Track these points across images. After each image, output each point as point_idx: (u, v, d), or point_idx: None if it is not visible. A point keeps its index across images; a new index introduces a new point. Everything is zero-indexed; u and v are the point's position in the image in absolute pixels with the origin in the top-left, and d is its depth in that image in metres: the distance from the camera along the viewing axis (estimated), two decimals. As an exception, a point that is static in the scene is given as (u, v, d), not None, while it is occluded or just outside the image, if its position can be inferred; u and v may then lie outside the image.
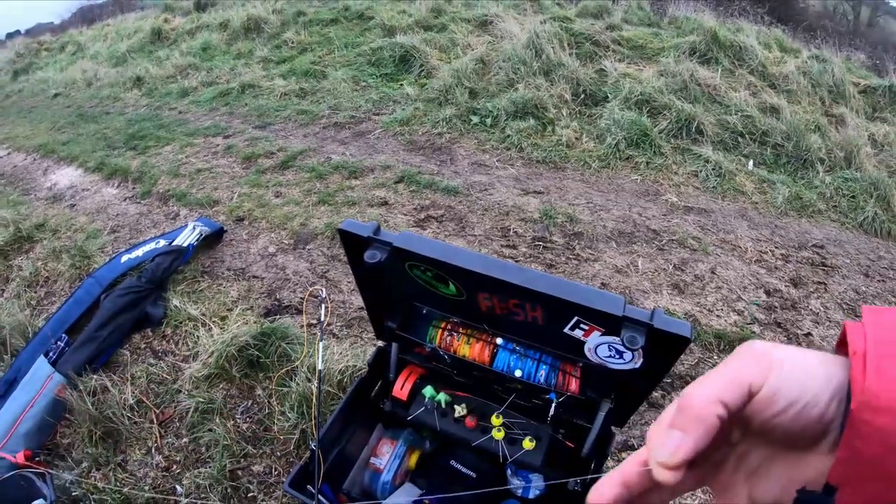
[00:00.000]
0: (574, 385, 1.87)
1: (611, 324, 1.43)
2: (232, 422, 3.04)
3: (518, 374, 1.89)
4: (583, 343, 1.57)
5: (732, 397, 0.45)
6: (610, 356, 1.57)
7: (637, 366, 1.53)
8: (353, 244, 1.66)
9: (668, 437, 0.45)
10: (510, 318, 1.69)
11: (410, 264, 1.63)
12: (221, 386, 3.24)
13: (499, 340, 1.94)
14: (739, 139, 6.19)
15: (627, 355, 1.53)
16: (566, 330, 1.55)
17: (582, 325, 1.51)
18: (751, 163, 5.96)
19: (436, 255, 1.52)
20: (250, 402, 3.16)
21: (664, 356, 1.47)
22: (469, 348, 1.95)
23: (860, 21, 23.26)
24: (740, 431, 0.51)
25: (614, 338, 1.48)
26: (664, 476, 0.46)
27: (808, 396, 0.44)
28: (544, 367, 1.89)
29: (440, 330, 2.00)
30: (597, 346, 1.55)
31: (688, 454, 0.45)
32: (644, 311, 1.38)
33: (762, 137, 6.21)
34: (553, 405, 1.90)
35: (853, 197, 5.68)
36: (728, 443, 0.52)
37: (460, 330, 1.98)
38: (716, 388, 0.45)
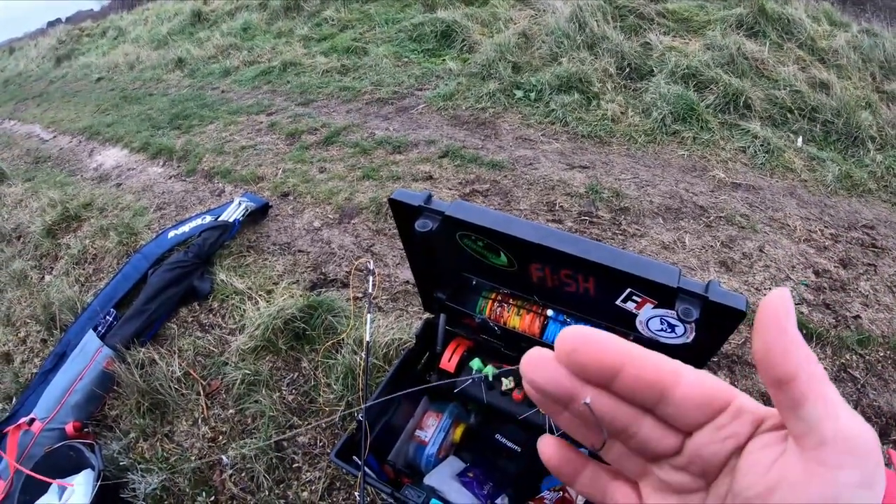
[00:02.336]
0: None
1: (664, 296, 1.41)
2: (278, 393, 3.10)
3: (569, 346, 1.88)
4: (634, 316, 1.56)
5: None
6: (661, 330, 1.56)
7: (689, 340, 1.52)
8: (404, 214, 1.67)
9: None
10: (561, 289, 1.68)
11: (462, 234, 1.62)
12: (268, 358, 3.30)
13: (549, 312, 1.93)
14: (788, 115, 6.07)
15: (679, 329, 1.52)
16: (618, 302, 1.54)
17: (634, 297, 1.50)
18: (800, 139, 5.85)
19: (489, 223, 1.51)
20: (296, 374, 3.21)
21: (717, 330, 1.46)
22: (519, 320, 1.96)
23: (912, -6, 22.59)
24: None
25: (667, 310, 1.47)
26: None
27: None
28: (594, 339, 1.87)
29: (490, 301, 2.01)
30: (648, 319, 1.55)
31: None
32: (699, 283, 1.36)
33: (811, 114, 6.08)
34: None
35: (905, 177, 5.55)
36: None
37: (510, 301, 1.99)
38: None
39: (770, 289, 3.74)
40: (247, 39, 9.76)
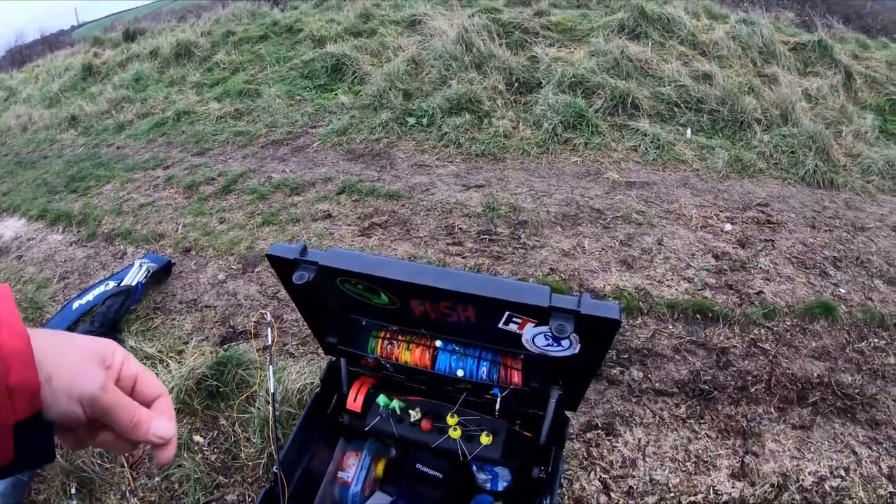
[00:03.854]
0: (517, 377, 1.87)
1: (540, 315, 1.45)
2: (200, 455, 3.01)
3: (460, 373, 1.90)
4: (520, 335, 1.58)
5: None
6: (549, 345, 1.58)
7: (577, 351, 1.54)
8: (281, 267, 1.67)
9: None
10: (445, 320, 1.71)
11: (341, 279, 1.64)
12: (185, 420, 3.19)
13: (438, 343, 1.94)
14: (675, 109, 6.24)
15: (565, 342, 1.53)
16: (501, 325, 1.57)
17: (515, 319, 1.53)
18: (688, 131, 6.00)
19: (361, 269, 1.55)
20: (216, 432, 3.13)
21: (598, 339, 1.50)
22: (410, 354, 1.96)
23: (788, -21, 23.57)
24: None
25: (547, 327, 1.47)
26: None
27: None
28: (485, 363, 1.90)
29: (380, 339, 2.00)
30: (534, 336, 1.57)
31: None
32: (571, 298, 1.39)
33: (697, 105, 6.26)
34: (498, 400, 1.91)
35: (792, 152, 5.75)
36: None
37: (399, 337, 1.98)
38: None
39: (672, 280, 3.82)
40: (139, 90, 9.52)
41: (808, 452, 2.86)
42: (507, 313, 1.51)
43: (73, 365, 0.60)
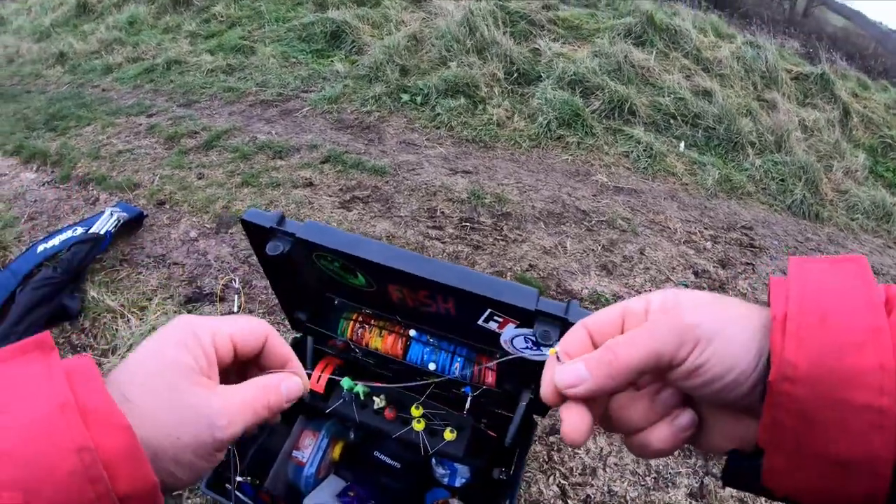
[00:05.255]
0: (490, 378, 1.79)
1: (524, 317, 1.37)
2: None
3: (432, 367, 1.82)
4: (498, 335, 1.50)
5: (649, 367, 0.47)
6: (527, 347, 1.49)
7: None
8: (256, 235, 1.57)
9: (573, 370, 0.49)
10: (422, 309, 1.64)
11: (317, 254, 1.56)
12: None
13: (412, 332, 1.87)
14: (671, 121, 6.21)
15: (546, 348, 1.45)
16: (480, 322, 1.49)
17: (496, 318, 1.45)
18: (682, 144, 5.98)
19: (340, 246, 1.46)
20: None
21: None
22: (381, 341, 1.88)
23: (796, 10, 23.72)
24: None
25: (529, 330, 1.41)
26: (551, 401, 0.52)
27: (731, 377, 0.45)
28: (459, 359, 1.81)
29: (352, 322, 1.91)
30: (513, 337, 1.49)
31: (582, 394, 0.49)
32: (559, 304, 1.31)
33: (694, 120, 6.25)
34: (469, 399, 1.84)
35: (782, 180, 5.77)
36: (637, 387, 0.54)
37: (372, 322, 1.90)
38: (638, 356, 0.47)
39: (650, 291, 3.76)
40: (132, 34, 9.29)
41: (767, 482, 2.83)
42: (488, 310, 1.43)
43: (172, 427, 0.48)
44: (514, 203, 4.55)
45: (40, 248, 3.99)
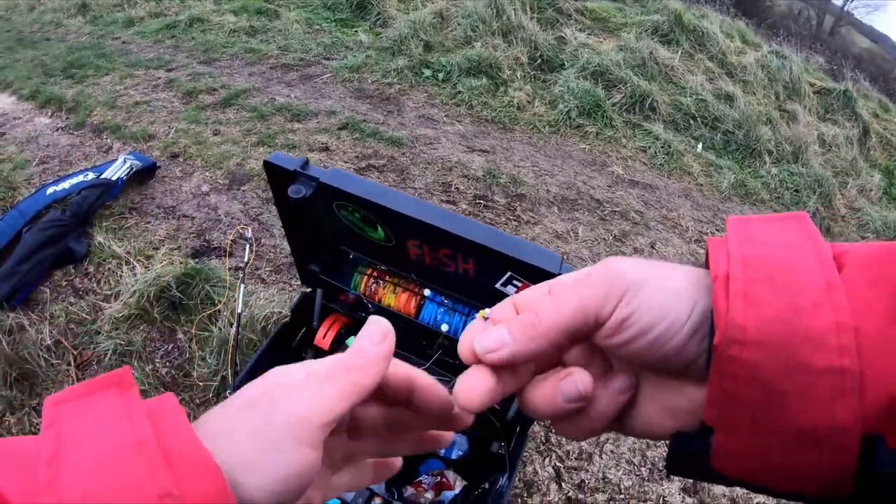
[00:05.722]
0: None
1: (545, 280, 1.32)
2: (151, 366, 2.90)
3: (444, 328, 1.80)
4: None
5: (575, 326, 0.43)
6: None
7: None
8: (278, 178, 1.54)
9: (496, 334, 0.45)
10: (440, 269, 1.62)
11: (338, 204, 1.53)
12: (142, 328, 3.08)
13: (426, 292, 1.84)
14: (691, 121, 6.19)
15: None
16: (498, 286, 1.48)
17: (515, 282, 1.44)
18: (700, 145, 5.95)
19: (365, 194, 1.43)
20: (171, 345, 3.02)
21: None
22: (395, 298, 1.86)
23: (823, 28, 23.65)
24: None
25: None
26: (467, 360, 0.47)
27: (662, 326, 0.40)
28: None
29: (366, 277, 1.90)
30: None
31: (502, 360, 0.44)
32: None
33: (714, 122, 6.23)
34: None
35: (797, 191, 5.75)
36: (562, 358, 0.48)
37: (387, 278, 1.88)
38: (562, 314, 0.43)
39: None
40: (157, -12, 9.28)
41: (761, 483, 2.83)
42: (508, 273, 1.42)
43: (269, 470, 0.41)
44: (529, 185, 4.54)
45: (50, 190, 3.97)
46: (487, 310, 0.49)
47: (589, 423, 0.47)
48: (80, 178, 4.05)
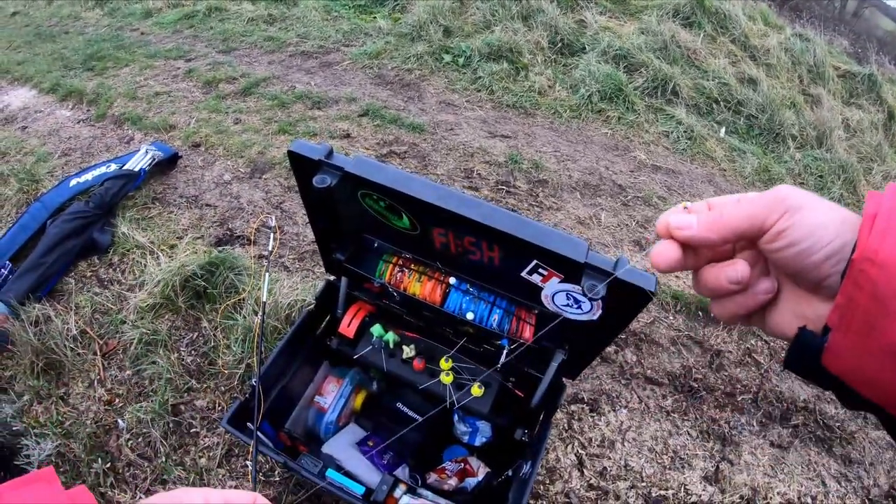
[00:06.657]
0: (528, 332, 1.77)
1: (571, 270, 1.34)
2: (176, 354, 2.95)
3: (470, 316, 1.80)
4: (540, 289, 1.47)
5: (745, 229, 0.56)
6: (567, 305, 1.47)
7: (595, 317, 1.44)
8: (303, 167, 1.54)
9: (686, 218, 0.59)
10: (465, 257, 1.61)
11: (363, 193, 1.52)
12: (167, 317, 3.12)
13: (452, 280, 1.84)
14: (714, 105, 6.12)
15: (586, 305, 1.43)
16: (524, 274, 1.46)
17: (541, 270, 1.43)
18: (723, 130, 5.90)
19: (390, 182, 1.41)
20: (196, 334, 3.05)
21: (624, 309, 1.40)
22: (420, 286, 1.86)
23: (846, 10, 23.26)
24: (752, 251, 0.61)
25: (573, 285, 1.39)
26: (661, 234, 0.61)
27: (808, 243, 0.52)
28: (498, 311, 1.79)
29: (391, 265, 1.90)
30: (554, 293, 1.46)
31: (685, 238, 0.59)
32: (608, 259, 1.29)
33: (737, 107, 6.16)
34: (504, 352, 1.79)
35: (821, 176, 5.69)
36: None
37: (412, 266, 1.89)
38: (738, 217, 0.56)
39: (680, 272, 3.72)
40: (173, -20, 9.28)
41: (781, 473, 2.84)
42: (534, 262, 1.40)
43: None
44: (551, 171, 4.52)
45: (73, 181, 4.01)
46: (688, 202, 0.62)
47: (735, 307, 0.61)
48: (103, 169, 4.09)
